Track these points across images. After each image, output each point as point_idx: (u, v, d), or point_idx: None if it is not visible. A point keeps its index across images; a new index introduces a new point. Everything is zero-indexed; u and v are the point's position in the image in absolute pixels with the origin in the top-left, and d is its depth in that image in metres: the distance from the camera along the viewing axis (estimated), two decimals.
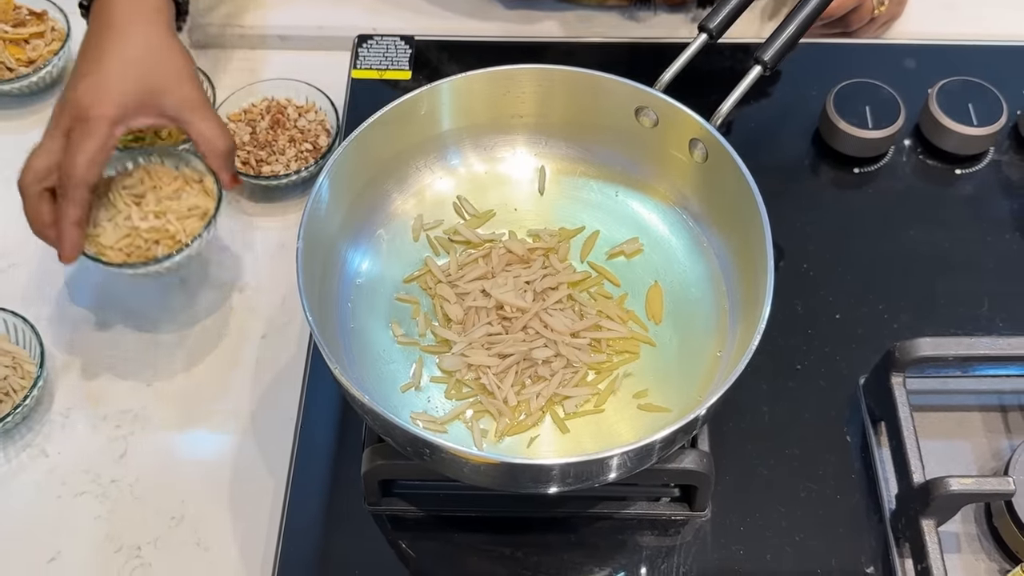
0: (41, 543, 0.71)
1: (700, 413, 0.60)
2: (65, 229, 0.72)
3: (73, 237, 0.72)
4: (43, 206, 0.72)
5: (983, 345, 0.70)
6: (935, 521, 0.66)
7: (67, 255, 0.72)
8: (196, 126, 0.74)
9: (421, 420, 0.66)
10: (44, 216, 0.72)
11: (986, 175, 0.87)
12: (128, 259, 0.75)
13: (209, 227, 0.77)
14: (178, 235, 0.76)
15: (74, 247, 0.72)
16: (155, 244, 0.76)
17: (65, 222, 0.71)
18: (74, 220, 0.72)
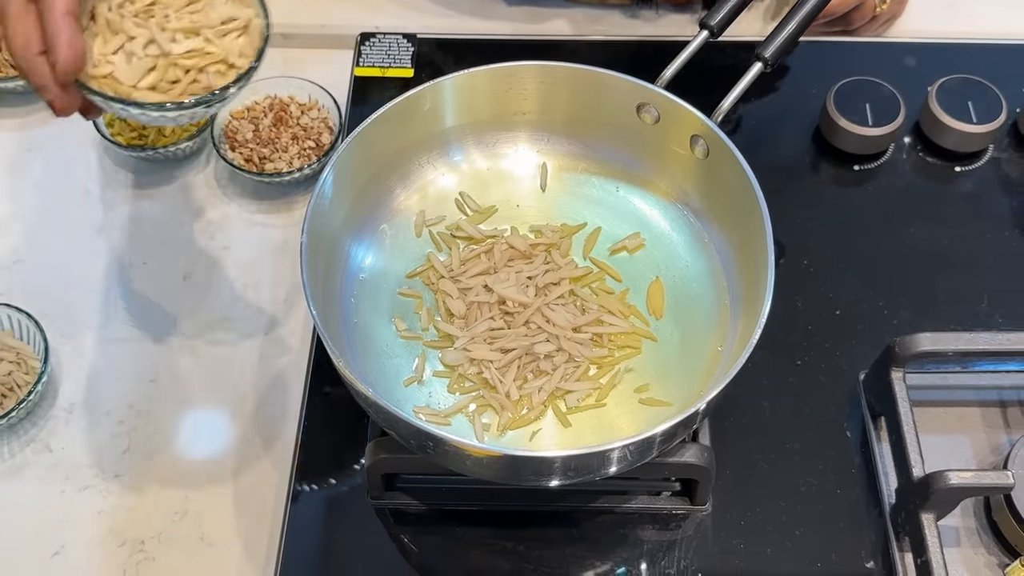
0: (45, 538, 0.71)
1: (700, 407, 0.60)
2: (54, 25, 0.52)
3: (68, 32, 0.52)
4: (30, 19, 0.53)
5: (982, 341, 0.70)
6: (935, 515, 0.66)
7: (63, 63, 0.52)
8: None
9: (424, 414, 0.67)
10: (32, 34, 0.53)
11: (985, 172, 0.87)
12: (168, 98, 0.55)
13: (267, 43, 0.58)
14: (229, 57, 0.56)
15: (73, 46, 0.52)
16: (199, 73, 0.56)
17: (51, 15, 0.52)
18: (64, 9, 0.52)
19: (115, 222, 0.85)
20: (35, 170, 0.89)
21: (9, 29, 0.53)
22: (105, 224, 0.85)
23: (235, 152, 0.86)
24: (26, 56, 0.53)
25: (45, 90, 0.54)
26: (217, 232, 0.85)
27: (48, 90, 0.53)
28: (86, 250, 0.84)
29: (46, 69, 0.53)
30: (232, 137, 0.86)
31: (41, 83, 0.53)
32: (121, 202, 0.87)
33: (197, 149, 0.88)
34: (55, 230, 0.85)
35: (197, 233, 0.85)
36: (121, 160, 0.89)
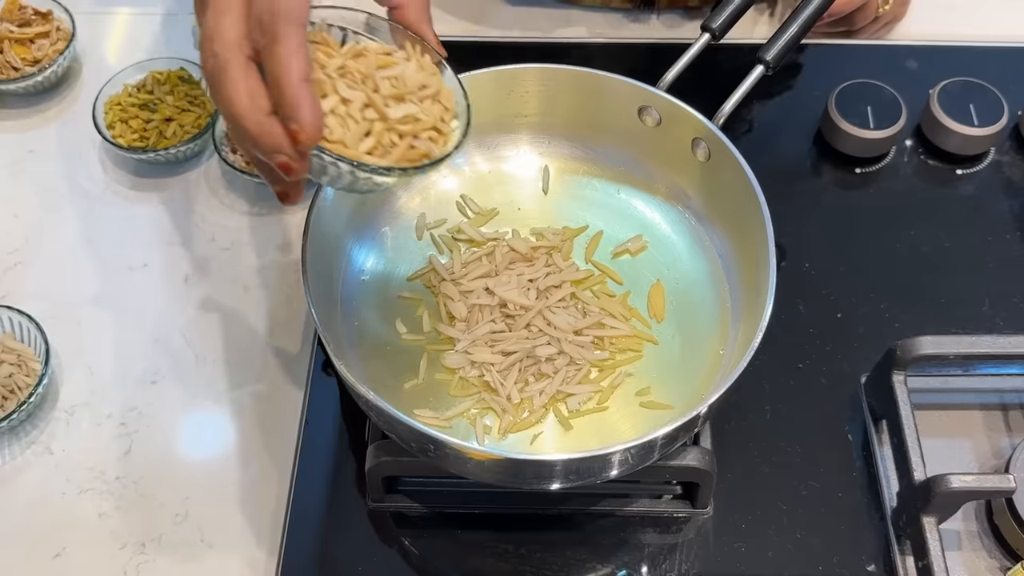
0: (46, 540, 0.71)
1: (702, 411, 0.60)
2: (294, 91, 0.48)
3: (309, 98, 0.49)
4: (253, 78, 0.50)
5: (984, 344, 0.70)
6: (936, 519, 0.66)
7: (309, 130, 0.49)
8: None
9: (425, 417, 0.67)
10: (259, 93, 0.49)
11: (987, 175, 0.87)
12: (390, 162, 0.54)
13: (469, 110, 0.58)
14: (437, 124, 0.56)
15: (316, 114, 0.49)
16: (414, 139, 0.55)
17: (289, 80, 0.48)
18: (301, 74, 0.49)
19: (116, 224, 0.85)
20: (36, 172, 0.88)
21: (229, 87, 0.49)
22: (106, 226, 0.85)
23: (236, 154, 0.85)
24: (255, 117, 0.49)
25: (277, 154, 0.50)
26: (218, 234, 0.85)
27: (282, 154, 0.50)
28: (87, 252, 0.84)
29: (280, 131, 0.49)
30: (233, 139, 0.86)
31: (274, 146, 0.49)
32: (122, 204, 0.87)
33: (198, 151, 0.88)
34: (56, 232, 0.85)
35: (198, 235, 0.85)
36: (122, 162, 0.89)
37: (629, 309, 0.71)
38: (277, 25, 0.49)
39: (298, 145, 0.49)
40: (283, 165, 0.50)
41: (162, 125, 0.87)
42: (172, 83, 0.89)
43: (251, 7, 0.50)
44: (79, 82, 0.94)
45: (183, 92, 0.88)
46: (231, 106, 0.49)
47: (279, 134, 0.49)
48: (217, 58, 0.49)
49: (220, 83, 0.49)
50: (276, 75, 0.49)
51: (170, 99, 0.88)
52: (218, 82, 0.49)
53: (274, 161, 0.50)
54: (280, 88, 0.49)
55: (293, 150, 0.50)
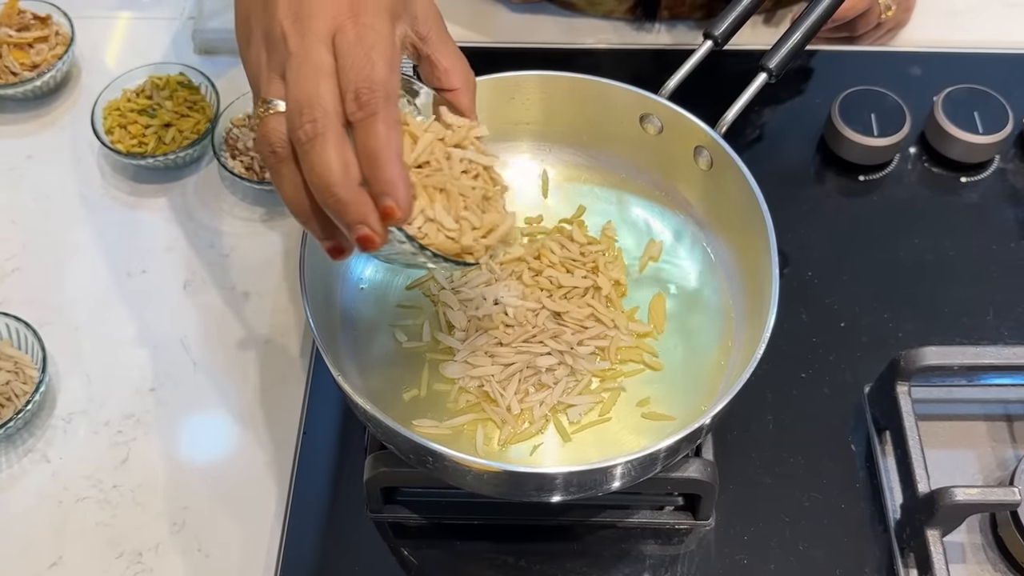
0: (42, 548, 0.70)
1: (705, 422, 0.59)
2: (393, 169, 0.49)
3: (405, 178, 0.50)
4: (349, 149, 0.49)
5: (989, 354, 0.70)
6: (940, 531, 0.66)
7: (405, 208, 0.49)
8: (444, 49, 0.57)
9: (424, 427, 0.66)
10: (353, 164, 0.49)
11: (991, 183, 0.87)
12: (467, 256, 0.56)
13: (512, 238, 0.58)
14: None
15: (410, 193, 0.50)
16: None
17: (389, 157, 0.49)
18: (399, 152, 0.49)
19: (114, 230, 0.85)
20: (34, 178, 0.88)
21: (329, 155, 0.49)
22: (104, 232, 0.85)
23: (235, 160, 0.85)
24: (348, 186, 0.49)
25: (361, 226, 0.49)
26: (217, 240, 0.84)
27: (366, 226, 0.49)
28: (85, 258, 0.83)
29: (370, 204, 0.49)
30: (232, 145, 0.86)
31: (361, 218, 0.49)
32: (120, 210, 0.86)
33: (197, 157, 0.88)
34: (54, 238, 0.85)
35: (197, 241, 0.84)
36: (120, 168, 0.88)
37: (633, 320, 0.70)
38: (376, 101, 0.49)
39: (389, 221, 0.49)
40: (365, 237, 0.50)
41: (161, 131, 0.87)
42: (171, 88, 0.88)
43: (342, 75, 0.50)
44: (78, 87, 0.93)
45: (182, 97, 0.88)
46: (327, 174, 0.49)
47: (369, 207, 0.49)
48: (316, 124, 0.49)
49: (318, 150, 0.49)
50: (374, 151, 0.49)
51: (169, 104, 0.87)
52: (313, 150, 0.49)
53: (354, 233, 0.50)
54: (378, 165, 0.49)
55: (379, 224, 0.49)
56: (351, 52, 0.50)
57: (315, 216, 0.51)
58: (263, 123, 0.51)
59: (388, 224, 0.50)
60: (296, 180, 0.51)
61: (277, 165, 0.51)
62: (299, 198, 0.51)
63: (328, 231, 0.52)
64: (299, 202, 0.51)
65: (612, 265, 0.72)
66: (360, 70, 0.49)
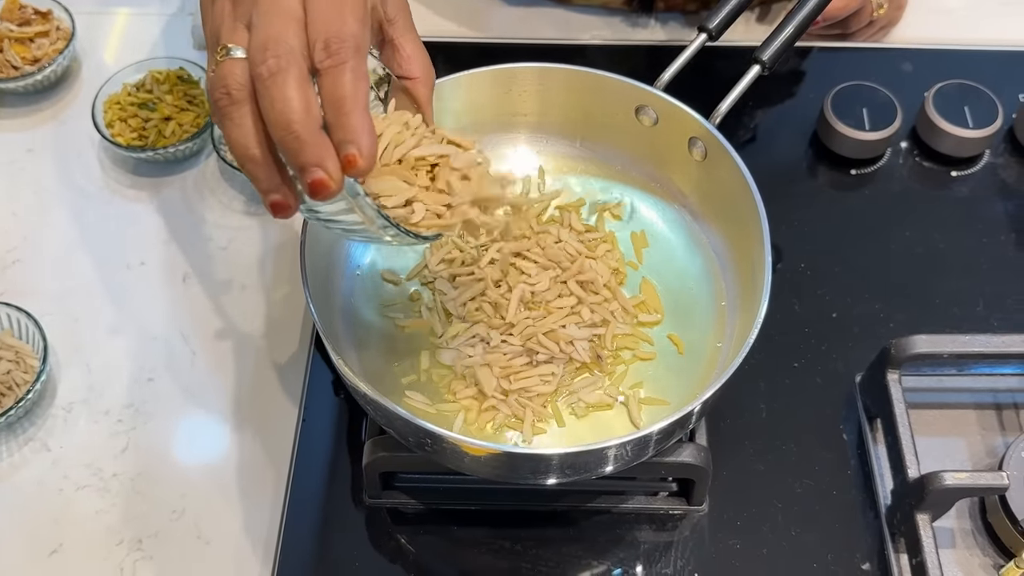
0: (43, 536, 0.71)
1: (696, 407, 0.60)
2: (359, 117, 0.48)
3: (371, 127, 0.48)
4: (311, 89, 0.48)
5: (978, 343, 0.70)
6: (930, 516, 0.67)
7: (369, 157, 0.48)
8: (409, 37, 0.57)
9: (414, 401, 0.67)
10: (315, 104, 0.48)
11: (981, 177, 0.88)
12: None
13: None
14: None
15: (375, 144, 0.49)
16: None
17: (355, 105, 0.48)
18: (365, 103, 0.48)
19: (114, 222, 0.86)
20: (34, 170, 0.89)
21: (289, 91, 0.47)
22: (104, 224, 0.85)
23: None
24: (308, 124, 0.47)
25: (316, 169, 0.47)
26: (216, 233, 0.85)
27: (322, 170, 0.47)
28: (85, 250, 0.84)
29: (329, 147, 0.48)
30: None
31: (318, 159, 0.47)
32: (120, 202, 0.87)
33: (196, 150, 0.89)
34: (54, 230, 0.85)
35: (196, 233, 0.85)
36: (120, 160, 0.89)
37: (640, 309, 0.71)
38: (346, 51, 0.48)
39: (350, 170, 0.48)
40: (319, 182, 0.48)
41: (161, 124, 0.87)
42: (171, 82, 0.89)
43: (312, 26, 0.49)
44: (78, 81, 0.94)
45: (182, 91, 0.89)
46: (287, 110, 0.47)
47: (327, 149, 0.48)
48: (280, 59, 0.48)
49: (278, 86, 0.47)
50: (340, 98, 0.48)
51: (169, 98, 0.88)
52: (275, 84, 0.47)
53: (308, 176, 0.48)
54: (343, 113, 0.48)
55: (338, 170, 0.48)
56: (322, 5, 0.49)
57: (263, 163, 0.50)
58: (219, 66, 0.49)
59: (349, 174, 0.48)
60: (248, 124, 0.49)
61: (229, 107, 0.49)
62: (249, 142, 0.49)
63: (274, 181, 0.50)
64: (248, 146, 0.49)
65: (610, 254, 0.73)
66: (331, 22, 0.49)
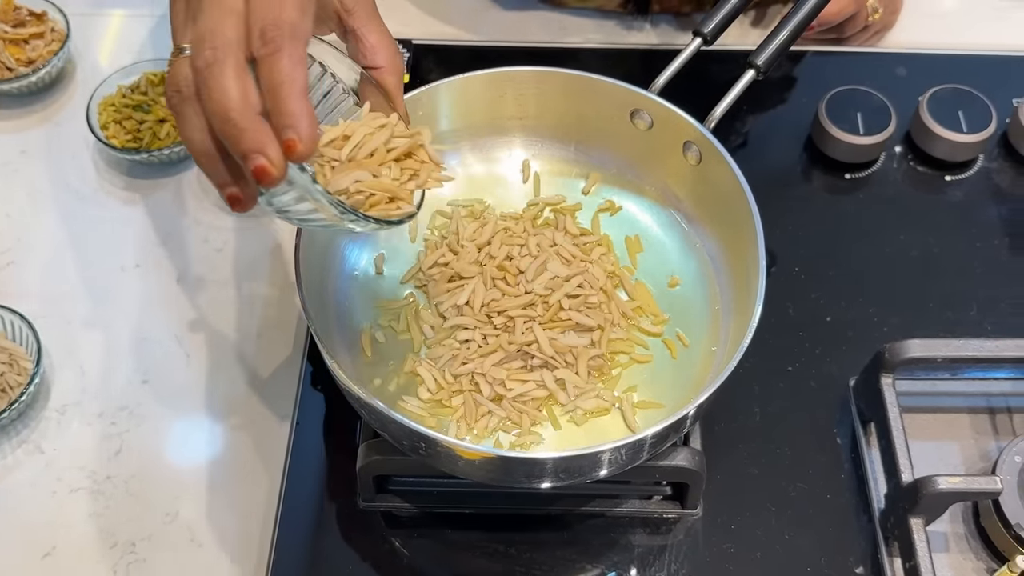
0: (36, 539, 0.71)
1: (691, 411, 0.60)
2: (296, 103, 0.48)
3: (309, 112, 0.49)
4: (248, 78, 0.49)
5: (972, 347, 0.71)
6: (923, 520, 0.67)
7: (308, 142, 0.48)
8: (371, 26, 0.57)
9: (409, 406, 0.67)
10: (252, 92, 0.49)
11: (975, 182, 0.88)
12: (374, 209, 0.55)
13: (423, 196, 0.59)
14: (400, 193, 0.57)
15: (315, 128, 0.49)
16: None
17: (292, 91, 0.48)
18: (303, 89, 0.49)
19: (108, 224, 0.85)
20: (28, 172, 0.89)
21: (226, 81, 0.48)
22: (98, 226, 0.85)
23: None
24: (245, 112, 0.48)
25: (258, 155, 0.48)
26: (211, 234, 0.85)
27: (264, 156, 0.48)
28: (79, 252, 0.84)
29: (269, 133, 0.48)
30: None
31: (259, 146, 0.48)
32: (114, 204, 0.87)
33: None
34: (48, 232, 0.85)
35: (190, 236, 0.85)
36: (114, 162, 0.89)
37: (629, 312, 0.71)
38: (282, 37, 0.49)
39: (291, 155, 0.48)
40: (260, 168, 0.48)
41: (155, 126, 0.87)
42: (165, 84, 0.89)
43: (250, 16, 0.50)
44: (73, 83, 0.94)
45: None
46: (224, 100, 0.48)
47: (267, 135, 0.48)
48: (216, 51, 0.48)
49: (214, 77, 0.48)
50: (276, 84, 0.48)
51: (164, 100, 0.88)
52: (211, 75, 0.48)
53: (251, 163, 0.48)
54: (280, 98, 0.48)
55: (279, 156, 0.48)
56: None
57: (214, 157, 0.50)
58: (172, 67, 0.51)
59: (290, 159, 0.49)
60: (196, 119, 0.50)
61: (180, 105, 0.50)
62: (201, 138, 0.50)
63: (226, 175, 0.51)
64: (200, 142, 0.50)
65: (605, 257, 0.73)
66: (268, 10, 0.49)
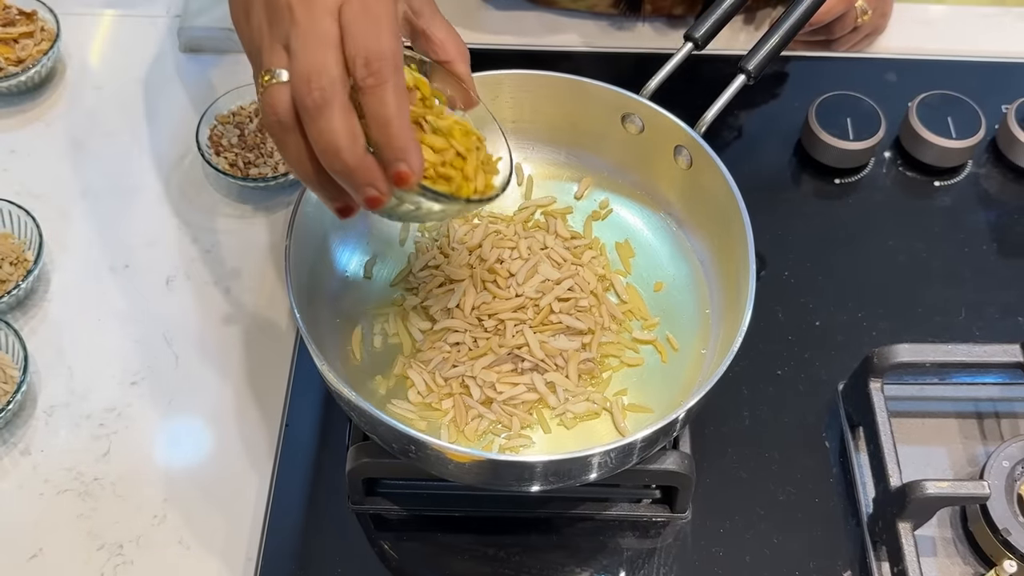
0: (23, 540, 0.70)
1: (680, 415, 0.60)
2: (405, 136, 0.51)
3: (416, 143, 0.52)
4: (354, 116, 0.51)
5: (960, 352, 0.71)
6: (911, 524, 0.67)
7: (418, 172, 0.51)
8: (437, 23, 0.60)
9: (399, 409, 0.67)
10: (360, 130, 0.51)
11: (964, 187, 0.88)
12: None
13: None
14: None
15: (421, 158, 0.52)
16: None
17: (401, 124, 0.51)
18: (407, 120, 0.52)
19: (97, 225, 0.85)
20: (18, 172, 0.88)
21: (336, 123, 0.50)
22: (87, 227, 0.85)
23: (220, 156, 0.86)
24: (355, 151, 0.51)
25: (369, 188, 0.52)
26: (200, 236, 0.84)
27: (373, 188, 0.52)
28: (67, 253, 0.83)
29: (377, 168, 0.51)
30: (217, 142, 0.86)
31: (369, 181, 0.51)
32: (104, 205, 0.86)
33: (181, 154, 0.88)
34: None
35: (180, 237, 0.84)
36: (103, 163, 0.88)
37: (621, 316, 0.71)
38: (385, 68, 0.50)
39: (403, 185, 0.51)
40: (371, 200, 0.52)
41: None
42: None
43: (348, 45, 0.51)
44: (62, 82, 0.93)
45: None
46: (336, 140, 0.50)
47: (376, 171, 0.51)
48: (323, 92, 0.50)
49: (325, 118, 0.50)
50: (384, 118, 0.51)
51: None
52: (322, 117, 0.50)
53: (361, 195, 0.52)
54: (389, 131, 0.51)
55: (387, 186, 0.52)
56: (357, 22, 0.51)
57: (320, 180, 0.53)
58: (267, 92, 0.52)
59: (400, 188, 0.52)
60: (301, 148, 0.52)
61: (282, 134, 0.52)
62: (305, 165, 0.53)
63: (334, 193, 0.54)
64: (306, 169, 0.53)
65: (596, 260, 0.73)
66: (368, 40, 0.50)
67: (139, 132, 0.90)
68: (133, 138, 0.90)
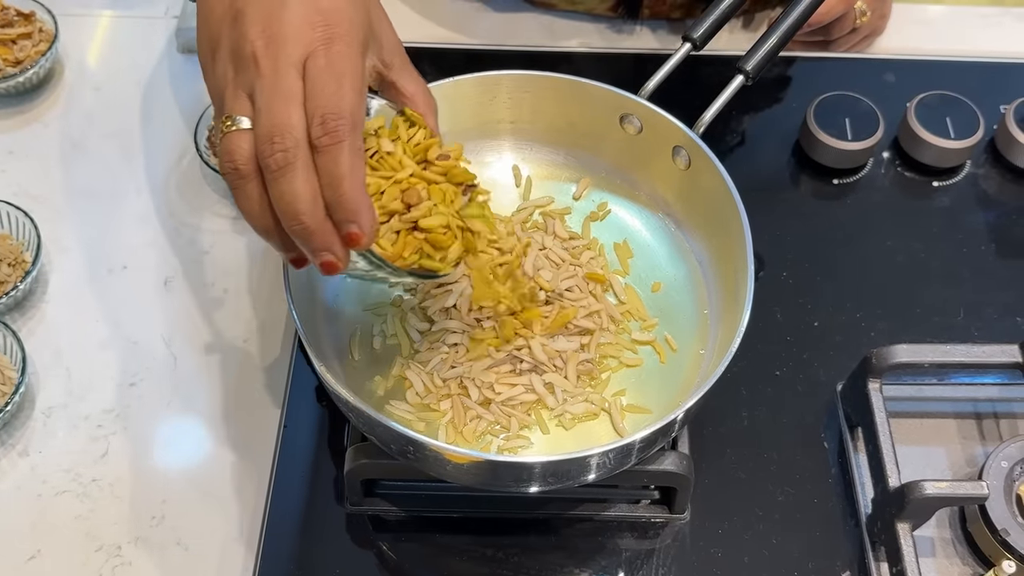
0: (21, 541, 0.70)
1: (679, 415, 0.60)
2: (358, 198, 0.50)
3: (369, 205, 0.51)
4: (314, 178, 0.51)
5: (959, 352, 0.71)
6: (910, 525, 0.67)
7: (370, 236, 0.51)
8: (407, 76, 0.59)
9: (398, 410, 0.67)
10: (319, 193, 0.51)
11: (963, 188, 0.88)
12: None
13: None
14: None
15: (374, 220, 0.52)
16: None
17: (353, 186, 0.50)
18: (361, 179, 0.51)
19: (95, 226, 0.85)
20: (15, 173, 0.88)
21: (298, 186, 0.50)
22: (84, 229, 0.85)
23: (217, 157, 0.85)
24: (315, 215, 0.50)
25: (323, 253, 0.51)
26: (197, 237, 0.84)
27: (330, 253, 0.51)
28: (65, 254, 0.83)
29: (333, 233, 0.51)
30: (215, 143, 0.86)
31: (326, 246, 0.51)
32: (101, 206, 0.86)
33: (179, 155, 0.88)
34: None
35: (177, 238, 0.84)
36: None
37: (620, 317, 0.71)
38: (343, 129, 0.50)
39: (353, 246, 0.51)
40: (327, 264, 0.51)
41: None
42: None
43: (310, 101, 0.50)
44: (60, 83, 0.93)
45: None
46: (296, 203, 0.50)
47: (333, 235, 0.51)
48: (286, 153, 0.50)
49: (287, 180, 0.50)
50: (338, 178, 0.50)
51: None
52: (284, 178, 0.50)
53: (317, 259, 0.51)
54: (342, 193, 0.50)
55: (344, 251, 0.51)
56: (321, 78, 0.50)
57: (276, 233, 0.53)
58: (226, 139, 0.52)
59: (352, 248, 0.51)
60: (259, 198, 0.52)
61: (240, 182, 0.52)
62: (262, 215, 0.52)
63: (289, 245, 0.53)
64: (262, 219, 0.52)
65: (595, 261, 0.73)
66: (329, 97, 0.50)
67: (137, 133, 0.90)
68: (131, 139, 0.90)
